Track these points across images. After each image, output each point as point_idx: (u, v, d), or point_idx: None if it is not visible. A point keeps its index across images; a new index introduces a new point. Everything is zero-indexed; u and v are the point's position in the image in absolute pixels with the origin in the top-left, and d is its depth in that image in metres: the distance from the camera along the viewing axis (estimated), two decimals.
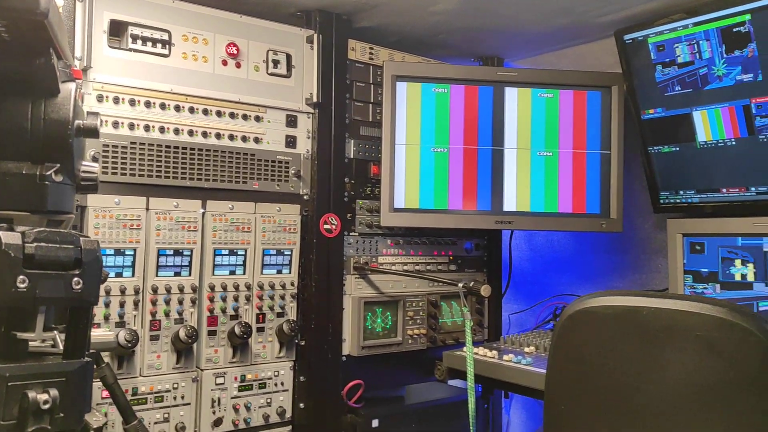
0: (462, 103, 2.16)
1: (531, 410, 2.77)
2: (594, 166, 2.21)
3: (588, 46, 2.29)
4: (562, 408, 1.41)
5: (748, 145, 1.87)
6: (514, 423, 2.82)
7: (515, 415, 2.82)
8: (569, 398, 1.39)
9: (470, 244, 2.41)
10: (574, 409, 1.38)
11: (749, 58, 1.78)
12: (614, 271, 2.54)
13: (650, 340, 1.23)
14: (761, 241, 1.87)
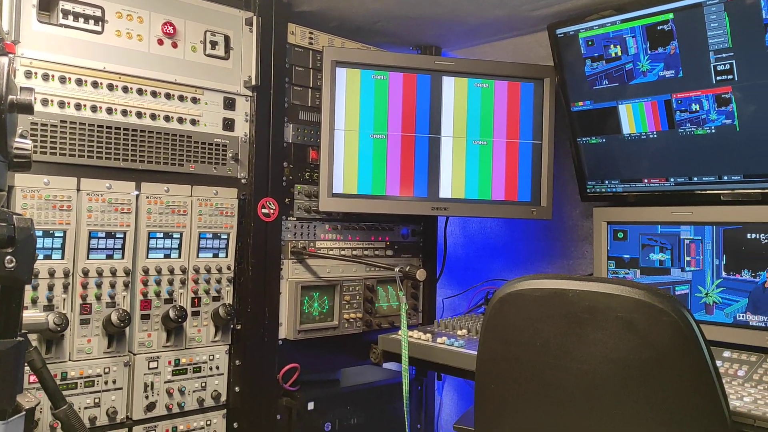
0: (400, 91, 2.19)
1: (462, 391, 2.85)
2: (526, 155, 2.28)
3: (523, 39, 2.35)
4: (492, 387, 1.47)
5: (668, 138, 1.98)
6: (446, 404, 2.90)
7: (447, 397, 2.90)
8: (499, 377, 1.45)
9: (407, 230, 2.45)
10: (504, 387, 1.44)
11: (671, 55, 1.88)
12: (544, 257, 2.63)
13: (575, 321, 1.29)
14: (678, 229, 1.98)
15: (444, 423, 2.85)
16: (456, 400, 2.89)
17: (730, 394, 1.53)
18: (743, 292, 1.84)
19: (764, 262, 1.79)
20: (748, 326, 1.83)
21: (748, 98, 1.78)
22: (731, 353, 1.81)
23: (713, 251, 1.90)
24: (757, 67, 1.73)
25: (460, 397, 2.87)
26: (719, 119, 1.85)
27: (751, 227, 1.83)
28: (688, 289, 1.95)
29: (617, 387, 1.26)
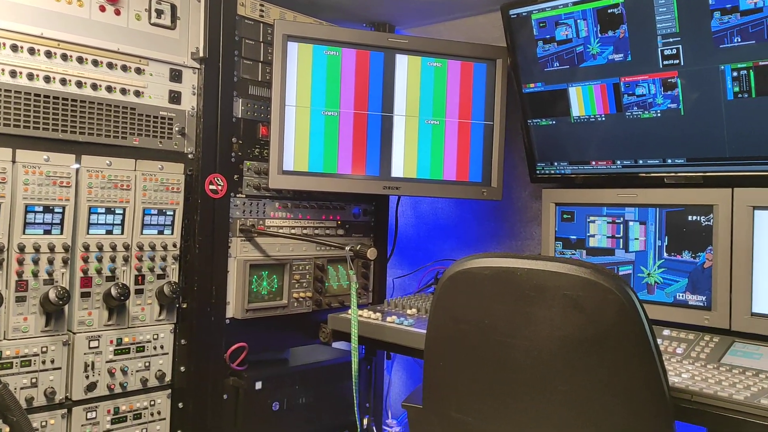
0: (353, 68, 2.16)
1: (411, 370, 2.87)
2: (478, 136, 2.29)
3: (476, 19, 2.35)
4: (440, 364, 1.48)
5: (616, 121, 2.01)
6: (395, 383, 2.92)
7: (396, 376, 2.92)
8: (447, 355, 1.45)
9: (358, 210, 2.43)
10: (452, 364, 1.45)
11: (621, 39, 1.91)
12: (493, 237, 2.66)
13: (523, 299, 1.31)
14: (623, 211, 2.03)
15: (393, 402, 2.87)
16: (405, 379, 2.91)
17: (669, 370, 1.58)
18: (683, 273, 1.90)
19: (704, 244, 1.85)
20: (687, 305, 1.89)
21: (692, 83, 1.83)
22: (671, 331, 1.86)
23: (656, 233, 1.95)
24: (702, 53, 1.77)
25: (409, 376, 2.89)
26: (665, 103, 1.89)
27: (692, 209, 1.88)
28: (632, 270, 2.00)
29: (563, 363, 1.28)
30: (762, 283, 1.74)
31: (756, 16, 1.66)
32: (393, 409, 2.85)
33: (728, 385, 1.47)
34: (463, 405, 1.44)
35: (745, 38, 1.69)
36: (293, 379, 2.17)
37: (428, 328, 1.48)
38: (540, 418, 1.32)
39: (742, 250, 1.77)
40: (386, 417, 2.77)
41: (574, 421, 1.29)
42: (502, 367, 1.36)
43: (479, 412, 1.41)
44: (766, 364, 1.62)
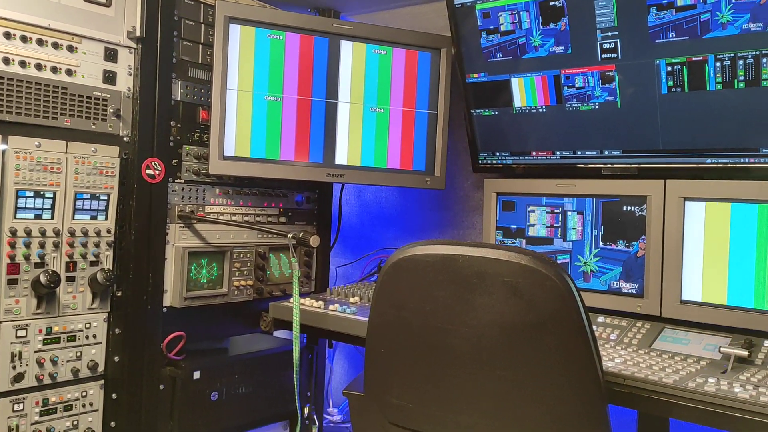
0: (297, 53, 2.13)
1: (353, 359, 2.87)
2: (422, 125, 2.30)
3: (421, 8, 2.35)
4: (381, 351, 1.47)
5: (556, 112, 2.05)
6: (337, 372, 2.92)
7: (338, 365, 2.92)
8: (389, 342, 1.45)
9: (301, 197, 2.41)
10: (393, 351, 1.45)
11: (562, 31, 1.94)
12: (436, 226, 2.68)
13: (464, 285, 1.32)
14: (561, 201, 2.07)
15: (334, 390, 2.86)
16: (347, 367, 2.90)
17: (604, 355, 1.63)
18: (618, 261, 1.95)
19: (637, 233, 1.91)
20: (620, 293, 1.95)
21: (629, 77, 1.88)
22: (605, 318, 1.92)
23: (592, 222, 2.00)
24: (639, 47, 1.82)
25: (351, 365, 2.89)
26: (603, 96, 1.94)
27: (627, 200, 1.94)
28: (569, 258, 2.05)
29: (502, 349, 1.30)
30: (691, 271, 1.82)
31: (690, 13, 1.71)
32: (334, 397, 2.84)
33: (658, 369, 1.53)
34: (404, 391, 1.45)
35: (679, 34, 1.75)
36: (233, 368, 2.13)
37: (370, 315, 1.48)
38: (480, 402, 1.34)
39: (672, 239, 1.84)
40: (327, 405, 2.77)
41: (512, 405, 1.31)
42: (442, 353, 1.37)
43: (420, 398, 1.42)
44: (693, 349, 1.69)
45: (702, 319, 1.79)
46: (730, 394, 1.35)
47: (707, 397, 1.37)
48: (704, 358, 1.63)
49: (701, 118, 1.79)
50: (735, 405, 1.33)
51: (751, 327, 1.71)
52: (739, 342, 1.65)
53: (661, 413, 1.44)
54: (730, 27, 1.67)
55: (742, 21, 1.65)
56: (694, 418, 1.38)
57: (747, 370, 1.52)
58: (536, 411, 1.30)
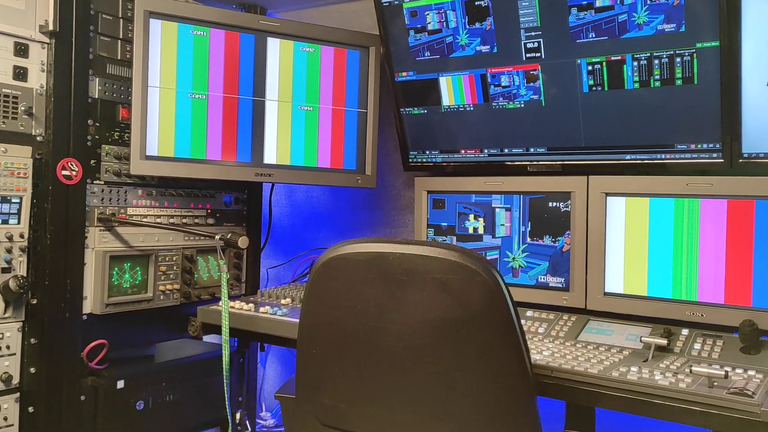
0: (222, 49, 2.08)
1: (286, 361, 2.83)
2: (352, 123, 2.28)
3: (349, 6, 2.34)
4: (313, 352, 1.45)
5: (483, 111, 2.08)
6: (270, 375, 2.87)
7: (271, 368, 2.87)
8: (320, 342, 1.43)
9: (229, 198, 2.35)
10: (325, 352, 1.43)
11: (487, 30, 1.97)
12: (368, 226, 2.67)
13: (395, 283, 1.31)
14: (490, 198, 2.10)
15: (267, 394, 2.81)
16: (280, 370, 2.86)
17: (532, 349, 1.66)
18: (544, 256, 2.00)
19: (563, 228, 1.96)
20: (547, 287, 1.99)
21: (552, 76, 1.92)
22: (533, 312, 1.96)
23: (520, 219, 2.04)
24: (561, 47, 1.87)
25: (284, 368, 2.85)
26: (528, 94, 1.98)
27: (552, 196, 1.99)
28: (498, 254, 2.08)
29: (433, 346, 1.30)
30: (613, 264, 1.88)
31: (608, 14, 1.77)
32: (267, 401, 2.79)
33: (584, 360, 1.57)
34: (336, 392, 1.43)
35: (599, 34, 1.80)
36: (159, 375, 2.06)
37: (301, 315, 1.45)
38: (412, 399, 1.34)
39: (596, 234, 1.89)
40: (260, 410, 2.72)
41: (443, 400, 1.31)
42: (374, 351, 1.36)
43: (352, 397, 1.41)
44: (617, 340, 1.75)
45: (624, 311, 1.85)
46: (651, 381, 1.40)
47: (630, 385, 1.41)
48: (627, 348, 1.69)
49: (620, 115, 1.85)
50: (655, 392, 1.38)
51: (670, 317, 1.78)
52: (659, 331, 1.71)
53: (588, 403, 1.48)
54: (646, 27, 1.73)
55: (657, 22, 1.71)
56: (618, 406, 1.42)
57: (666, 358, 1.58)
58: (467, 405, 1.31)
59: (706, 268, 1.74)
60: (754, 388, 1.34)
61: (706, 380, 1.37)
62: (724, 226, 1.71)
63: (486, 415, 1.32)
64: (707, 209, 1.74)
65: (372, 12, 2.17)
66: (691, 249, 1.76)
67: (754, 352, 1.58)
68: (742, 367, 1.52)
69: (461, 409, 1.31)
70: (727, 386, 1.35)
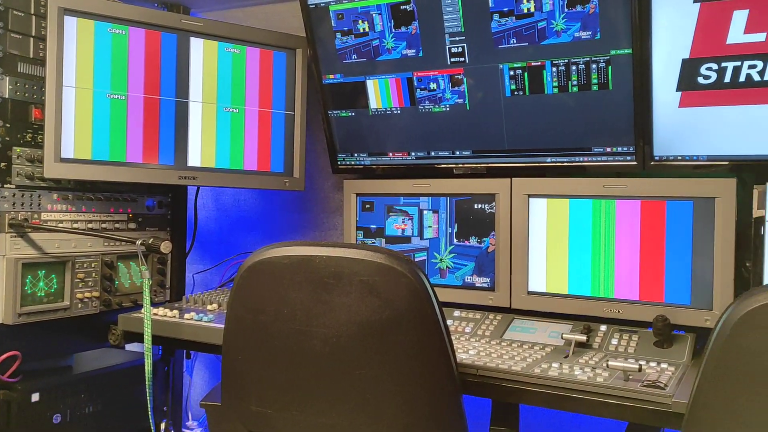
0: (142, 49, 2.01)
1: (214, 369, 2.77)
2: (279, 125, 2.26)
3: (275, 7, 2.32)
4: (239, 358, 1.43)
5: (410, 114, 2.10)
6: (197, 383, 2.80)
7: (198, 375, 2.80)
8: (246, 347, 1.41)
9: (152, 202, 2.28)
10: (251, 357, 1.41)
11: (413, 35, 1.99)
12: (298, 229, 2.65)
13: (321, 286, 1.31)
14: (418, 200, 2.12)
15: (194, 402, 2.74)
16: (207, 378, 2.80)
17: (459, 348, 1.69)
18: (471, 257, 2.04)
19: (488, 229, 2.00)
20: (474, 287, 2.03)
21: (476, 80, 1.96)
22: (461, 312, 2.00)
23: (447, 220, 2.07)
24: (484, 52, 1.91)
25: (212, 375, 2.79)
26: (453, 98, 2.01)
27: (478, 198, 2.03)
28: (426, 256, 2.11)
29: (360, 348, 1.30)
30: (536, 264, 1.93)
31: (528, 20, 1.82)
32: (194, 410, 2.72)
33: (508, 358, 1.61)
34: (263, 397, 1.41)
35: (519, 40, 1.85)
36: (78, 387, 1.98)
37: (226, 321, 1.43)
38: (339, 402, 1.34)
39: (519, 235, 1.94)
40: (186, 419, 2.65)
41: (371, 402, 1.32)
42: (301, 355, 1.35)
43: (280, 403, 1.39)
44: (540, 337, 1.80)
45: (547, 309, 1.91)
46: (570, 377, 1.45)
47: (551, 381, 1.45)
48: (549, 345, 1.74)
49: (541, 120, 1.91)
50: (575, 387, 1.43)
51: (590, 313, 1.84)
52: (579, 328, 1.77)
53: (512, 399, 1.51)
54: (564, 35, 1.79)
55: (574, 29, 1.78)
56: (540, 402, 1.46)
57: (586, 354, 1.64)
58: (394, 406, 1.32)
59: (622, 266, 1.82)
60: (666, 380, 1.40)
61: (621, 374, 1.43)
62: (638, 225, 1.79)
63: (413, 415, 1.33)
64: (623, 210, 1.81)
65: (298, 14, 2.16)
66: (608, 248, 1.83)
67: (667, 346, 1.66)
68: (655, 360, 1.59)
69: (388, 410, 1.32)
70: (641, 379, 1.41)
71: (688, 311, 1.72)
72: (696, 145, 1.73)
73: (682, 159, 1.75)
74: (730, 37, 1.61)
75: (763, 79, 1.61)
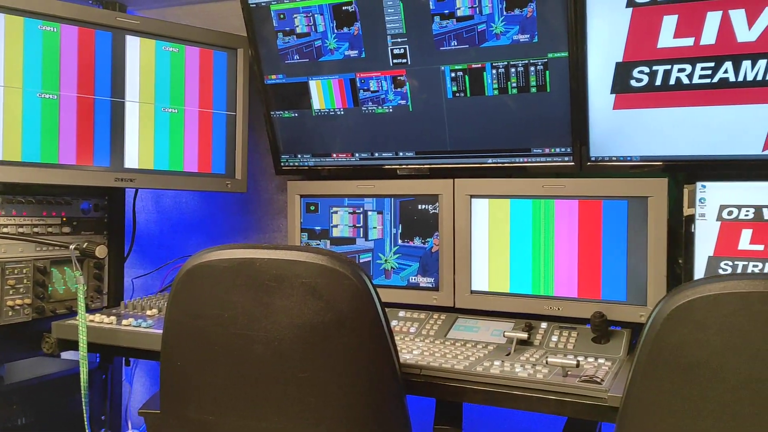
0: (75, 47, 1.95)
1: (155, 375, 2.70)
2: (220, 126, 2.22)
3: (216, 6, 2.28)
4: (178, 364, 1.40)
5: (353, 115, 2.10)
6: (138, 391, 2.73)
7: (139, 383, 2.73)
8: (185, 353, 1.38)
9: (88, 204, 2.20)
10: (190, 363, 1.38)
11: (355, 36, 1.99)
12: (241, 231, 2.61)
13: (263, 289, 1.29)
14: (362, 201, 2.12)
15: (134, 411, 2.67)
16: (148, 385, 2.73)
17: (403, 348, 1.70)
18: (415, 257, 2.05)
19: (432, 230, 2.02)
20: (419, 287, 2.04)
21: (418, 81, 1.97)
22: (405, 312, 2.00)
23: (391, 221, 2.08)
24: (426, 54, 1.92)
25: (154, 382, 2.72)
26: (396, 99, 2.02)
27: (421, 199, 2.04)
28: (371, 257, 2.11)
29: (302, 351, 1.29)
30: (479, 263, 1.96)
31: (468, 23, 1.84)
32: (134, 419, 2.65)
33: (451, 357, 1.62)
34: (203, 404, 1.38)
35: (460, 42, 1.87)
36: (10, 398, 1.90)
37: (165, 326, 1.40)
38: (282, 407, 1.32)
39: (462, 234, 1.96)
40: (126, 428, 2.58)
41: (314, 406, 1.31)
42: (242, 360, 1.33)
43: (220, 409, 1.37)
44: (483, 336, 1.83)
45: (489, 307, 1.93)
46: (511, 374, 1.47)
47: (492, 379, 1.47)
48: (492, 343, 1.77)
49: (482, 121, 1.94)
50: (515, 384, 1.45)
51: (531, 311, 1.88)
52: (521, 326, 1.81)
53: (455, 398, 1.53)
54: (503, 37, 1.82)
55: (513, 32, 1.81)
56: (482, 400, 1.48)
57: (527, 351, 1.67)
58: (337, 409, 1.31)
59: (561, 264, 1.86)
60: (602, 375, 1.44)
61: (560, 370, 1.46)
62: (576, 224, 1.84)
63: (356, 417, 1.33)
64: (561, 209, 1.85)
65: (240, 12, 2.13)
66: (547, 247, 1.87)
67: (605, 342, 1.71)
68: (593, 356, 1.64)
69: (332, 413, 1.31)
70: (579, 375, 1.44)
71: (623, 307, 1.78)
72: (630, 146, 1.78)
73: (617, 159, 1.81)
74: (660, 41, 1.67)
75: (691, 82, 1.67)
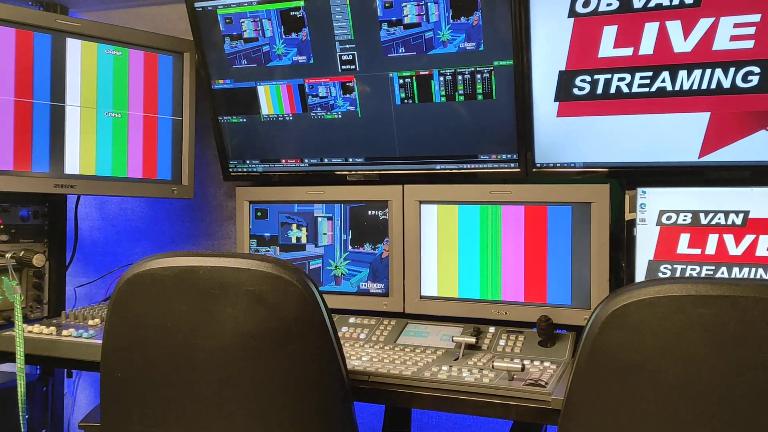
0: (12, 50, 1.88)
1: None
2: (166, 131, 2.18)
3: (161, 9, 2.24)
4: (119, 376, 1.36)
5: (302, 120, 2.09)
6: (81, 403, 2.65)
7: (82, 394, 2.65)
8: (126, 364, 1.35)
9: (26, 211, 2.13)
10: (132, 374, 1.35)
11: (303, 41, 1.98)
12: (189, 238, 2.57)
13: (206, 298, 1.27)
14: (312, 208, 2.11)
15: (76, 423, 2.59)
16: (93, 397, 2.65)
17: (352, 355, 1.69)
18: (365, 263, 2.05)
19: (381, 236, 2.02)
20: (369, 293, 2.04)
21: (367, 88, 1.98)
22: (356, 319, 2.00)
23: (341, 227, 2.07)
24: (374, 60, 1.93)
25: (97, 394, 2.64)
26: (345, 105, 2.02)
27: (371, 205, 2.04)
28: (321, 263, 2.10)
29: (247, 360, 1.28)
30: (428, 269, 1.97)
31: (416, 30, 1.85)
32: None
33: (400, 362, 1.63)
34: (145, 416, 1.35)
35: (408, 49, 1.88)
36: None
37: (104, 337, 1.36)
38: (226, 417, 1.30)
39: (412, 240, 1.97)
40: None
41: (260, 414, 1.29)
42: (186, 370, 1.30)
43: (163, 420, 1.34)
44: (432, 341, 1.84)
45: (439, 313, 1.94)
46: (458, 379, 1.48)
47: (440, 384, 1.48)
48: (441, 348, 1.78)
49: (430, 127, 1.95)
50: (463, 389, 1.46)
51: (480, 316, 1.90)
52: (469, 330, 1.82)
53: (402, 404, 1.53)
54: (450, 45, 1.84)
55: (460, 40, 1.83)
56: (430, 405, 1.48)
57: (475, 356, 1.69)
58: (283, 417, 1.30)
59: (508, 269, 1.88)
60: (547, 378, 1.46)
61: (506, 374, 1.48)
62: (523, 230, 1.87)
63: (303, 424, 1.32)
64: (508, 215, 1.88)
65: (185, 17, 2.09)
66: (495, 252, 1.89)
67: (550, 345, 1.74)
68: (539, 359, 1.66)
69: (278, 422, 1.30)
70: (524, 378, 1.46)
71: (569, 311, 1.81)
72: (573, 152, 1.82)
73: (561, 166, 1.84)
74: (601, 50, 1.71)
75: (631, 91, 1.72)
